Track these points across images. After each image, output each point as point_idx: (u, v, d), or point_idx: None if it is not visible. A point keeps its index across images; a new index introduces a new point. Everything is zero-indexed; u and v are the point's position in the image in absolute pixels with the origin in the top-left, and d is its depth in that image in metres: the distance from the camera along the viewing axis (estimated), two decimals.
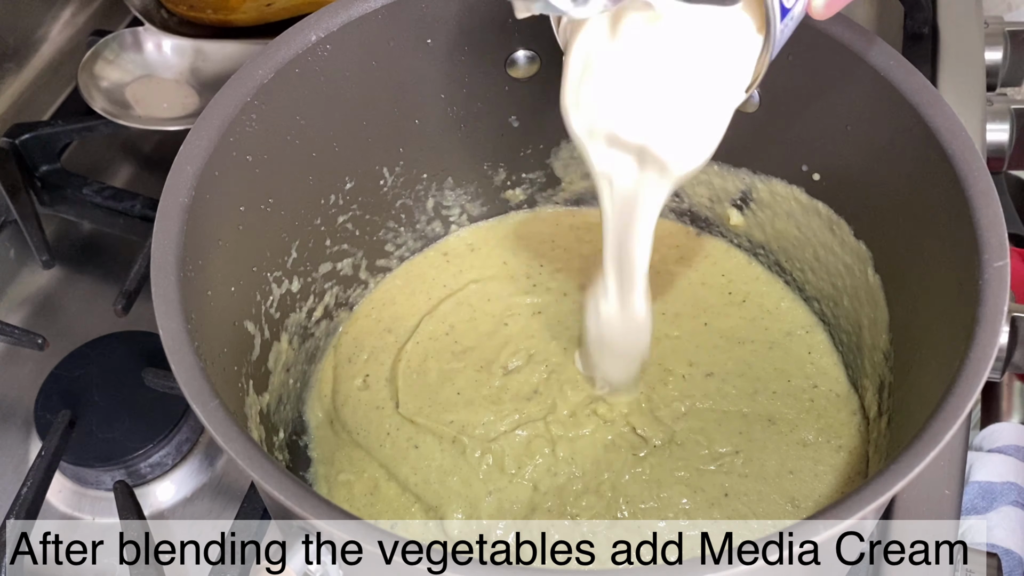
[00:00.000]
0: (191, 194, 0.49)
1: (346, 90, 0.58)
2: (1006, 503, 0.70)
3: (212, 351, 0.49)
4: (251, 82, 0.53)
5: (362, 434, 0.62)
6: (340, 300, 0.67)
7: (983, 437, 0.77)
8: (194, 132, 0.51)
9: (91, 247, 0.78)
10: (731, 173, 0.64)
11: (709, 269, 0.68)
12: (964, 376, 0.42)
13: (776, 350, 0.64)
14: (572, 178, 0.70)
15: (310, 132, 0.57)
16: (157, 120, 0.77)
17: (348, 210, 0.63)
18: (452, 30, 0.59)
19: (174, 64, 0.81)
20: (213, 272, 0.51)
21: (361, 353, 0.66)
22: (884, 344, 0.57)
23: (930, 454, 0.39)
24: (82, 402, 0.66)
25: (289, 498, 0.40)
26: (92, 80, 0.78)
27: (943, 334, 0.48)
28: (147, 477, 0.65)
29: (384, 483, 0.60)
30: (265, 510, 0.60)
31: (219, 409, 0.43)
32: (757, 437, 0.60)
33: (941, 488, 0.58)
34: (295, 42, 0.55)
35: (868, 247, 0.58)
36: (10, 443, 0.67)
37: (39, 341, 0.67)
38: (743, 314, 0.66)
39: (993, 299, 0.44)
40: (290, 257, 0.60)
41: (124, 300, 0.68)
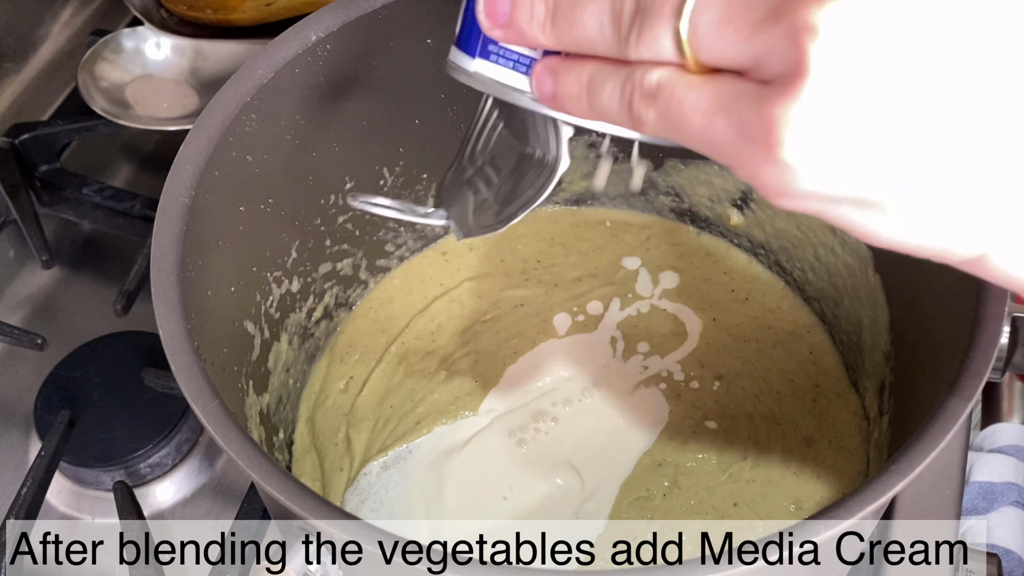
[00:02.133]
0: (191, 194, 0.49)
1: (346, 90, 0.58)
2: (1006, 503, 0.70)
3: (212, 351, 0.49)
4: (251, 82, 0.53)
5: (319, 438, 0.62)
6: (340, 300, 0.67)
7: (983, 437, 0.77)
8: (194, 132, 0.51)
9: (91, 247, 0.78)
10: (731, 173, 0.64)
11: (711, 267, 0.68)
12: (965, 376, 0.42)
13: (779, 349, 0.64)
14: (572, 178, 0.70)
15: (310, 132, 0.57)
16: (157, 120, 0.77)
17: (348, 210, 0.63)
18: (452, 30, 0.59)
19: (174, 64, 0.81)
20: (213, 272, 0.51)
21: (353, 354, 0.66)
22: (885, 344, 0.57)
23: (930, 454, 0.39)
24: (82, 402, 0.66)
25: (289, 498, 0.40)
26: (92, 80, 0.78)
27: (943, 334, 0.48)
28: (147, 477, 0.65)
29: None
30: (265, 510, 0.60)
31: (219, 409, 0.43)
32: (763, 439, 0.60)
33: (941, 488, 0.58)
34: (295, 42, 0.55)
35: (869, 247, 0.58)
36: (10, 443, 0.67)
37: (39, 341, 0.67)
38: (747, 312, 0.66)
39: (993, 299, 0.44)
40: (290, 257, 0.60)
41: (124, 300, 0.68)
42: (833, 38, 0.24)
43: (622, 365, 0.64)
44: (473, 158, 0.42)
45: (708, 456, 0.59)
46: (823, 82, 0.25)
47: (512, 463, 0.60)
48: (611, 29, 0.30)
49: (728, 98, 0.27)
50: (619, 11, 0.29)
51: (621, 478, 0.59)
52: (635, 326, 0.66)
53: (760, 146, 0.26)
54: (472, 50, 0.35)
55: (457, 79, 0.36)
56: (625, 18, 0.29)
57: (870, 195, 0.27)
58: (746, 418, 0.61)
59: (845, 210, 0.28)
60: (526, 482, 0.59)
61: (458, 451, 0.61)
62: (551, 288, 0.68)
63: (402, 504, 0.59)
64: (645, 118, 0.30)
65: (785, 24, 0.25)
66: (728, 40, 0.27)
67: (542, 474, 0.59)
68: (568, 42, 0.31)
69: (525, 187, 0.38)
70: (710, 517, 0.57)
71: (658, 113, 0.29)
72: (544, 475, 0.59)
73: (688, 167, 0.66)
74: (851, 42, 0.25)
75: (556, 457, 0.60)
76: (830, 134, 0.25)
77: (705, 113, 0.28)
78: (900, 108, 0.25)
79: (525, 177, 0.38)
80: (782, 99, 0.25)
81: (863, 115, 0.25)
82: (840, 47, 0.25)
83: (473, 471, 0.60)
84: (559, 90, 0.32)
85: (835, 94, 0.25)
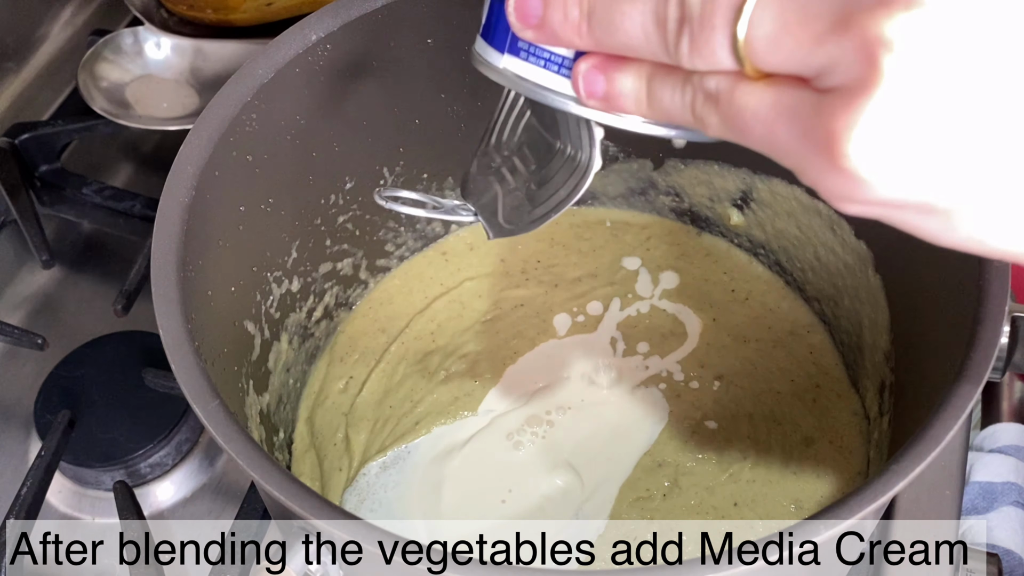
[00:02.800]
0: (191, 194, 0.49)
1: (346, 90, 0.58)
2: (1007, 503, 0.70)
3: (212, 351, 0.49)
4: (251, 82, 0.53)
5: (319, 438, 0.62)
6: (340, 300, 0.67)
7: (983, 437, 0.77)
8: (194, 132, 0.51)
9: (91, 247, 0.78)
10: (731, 172, 0.64)
11: (711, 267, 0.68)
12: (965, 376, 0.42)
13: (779, 349, 0.64)
14: None
15: (310, 132, 0.57)
16: (157, 120, 0.77)
17: (348, 210, 0.63)
18: (452, 30, 0.59)
19: (174, 64, 0.81)
20: (213, 272, 0.51)
21: (353, 353, 0.66)
22: (885, 344, 0.57)
23: (931, 454, 0.39)
24: (82, 402, 0.66)
25: (289, 498, 0.40)
26: (92, 80, 0.78)
27: (944, 334, 0.48)
28: (147, 477, 0.65)
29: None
30: (265, 510, 0.60)
31: (219, 409, 0.43)
32: (763, 439, 0.60)
33: (941, 488, 0.58)
34: (295, 42, 0.55)
35: (869, 247, 0.58)
36: (10, 443, 0.67)
37: (39, 341, 0.67)
38: (747, 312, 0.66)
39: (993, 299, 0.44)
40: (290, 257, 0.60)
41: (124, 300, 0.68)
42: (905, 51, 0.25)
43: (622, 365, 0.64)
44: (499, 146, 0.41)
45: (708, 456, 0.59)
46: (893, 94, 0.25)
47: (511, 464, 0.60)
48: (657, 35, 0.29)
49: (790, 105, 0.27)
50: (663, 17, 0.29)
51: (621, 478, 0.59)
52: (635, 326, 0.66)
53: (824, 155, 0.26)
54: (501, 45, 0.33)
55: (483, 73, 0.34)
56: (671, 25, 0.29)
57: (937, 204, 0.27)
58: (746, 418, 0.61)
59: (909, 216, 0.28)
60: (525, 483, 0.59)
61: (457, 451, 0.61)
62: (551, 288, 0.68)
63: (401, 504, 0.59)
64: (708, 121, 0.29)
65: (855, 36, 0.25)
66: (788, 51, 0.27)
67: (541, 475, 0.59)
68: (608, 45, 0.31)
69: (557, 186, 0.37)
70: (710, 517, 0.57)
71: (720, 117, 0.29)
72: (543, 476, 0.59)
73: (688, 167, 0.66)
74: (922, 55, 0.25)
75: (556, 458, 0.60)
76: (898, 145, 0.26)
77: (766, 121, 0.28)
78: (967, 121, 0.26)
79: (556, 175, 0.37)
80: (848, 109, 0.26)
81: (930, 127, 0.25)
82: (911, 60, 0.25)
83: (472, 472, 0.60)
84: (613, 89, 0.31)
85: (904, 106, 0.25)
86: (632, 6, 0.29)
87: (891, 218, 0.29)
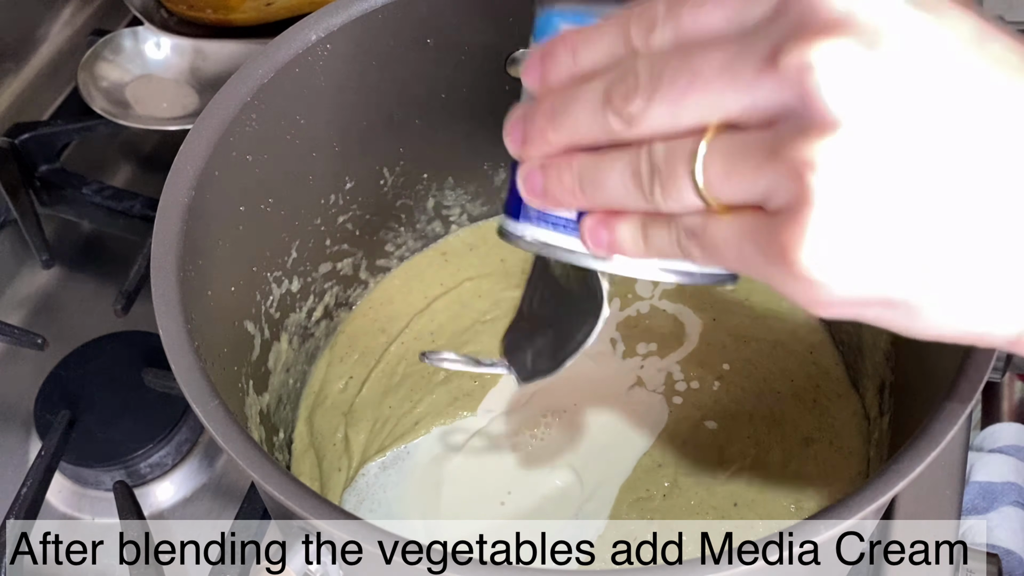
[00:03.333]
0: (191, 194, 0.49)
1: (346, 90, 0.58)
2: (1006, 503, 0.70)
3: (212, 351, 0.49)
4: (251, 82, 0.53)
5: (318, 438, 0.62)
6: (340, 300, 0.67)
7: (983, 437, 0.77)
8: (194, 132, 0.51)
9: (91, 247, 0.78)
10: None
11: None
12: (965, 376, 0.42)
13: (779, 349, 0.64)
14: None
15: (310, 132, 0.57)
16: (157, 120, 0.77)
17: (348, 210, 0.63)
18: (452, 30, 0.59)
19: (174, 64, 0.81)
20: (213, 272, 0.51)
21: (353, 353, 0.66)
22: (885, 344, 0.57)
23: (931, 454, 0.39)
24: (82, 402, 0.66)
25: (289, 498, 0.40)
26: (92, 80, 0.78)
27: None
28: (147, 477, 0.65)
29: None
30: (265, 510, 0.60)
31: (219, 409, 0.43)
32: (763, 439, 0.60)
33: (941, 488, 0.58)
34: (295, 42, 0.55)
35: None
36: (10, 443, 0.67)
37: (39, 341, 0.67)
38: (747, 312, 0.66)
39: None
40: (290, 257, 0.60)
41: (124, 300, 0.68)
42: (829, 168, 0.28)
43: (622, 365, 0.64)
44: (531, 311, 0.47)
45: (708, 456, 0.59)
46: (825, 205, 0.29)
47: (510, 464, 0.60)
48: (635, 188, 0.33)
49: (750, 230, 0.31)
50: (637, 171, 0.33)
51: (621, 479, 0.59)
52: (635, 326, 0.66)
53: (783, 266, 0.30)
54: (516, 215, 0.39)
55: (510, 244, 0.40)
56: (644, 178, 0.33)
57: (895, 296, 0.30)
58: (746, 418, 0.61)
59: (879, 312, 0.31)
60: (524, 484, 0.59)
61: (456, 452, 0.61)
62: None
63: (400, 504, 0.59)
64: (693, 253, 0.34)
65: (785, 162, 0.29)
66: (736, 184, 0.31)
67: (541, 476, 0.59)
68: (601, 203, 0.35)
69: (573, 331, 0.42)
70: (710, 517, 0.57)
71: (700, 249, 0.33)
72: (543, 477, 0.59)
73: None
74: (841, 169, 0.28)
75: (555, 458, 0.60)
76: (839, 247, 0.29)
77: (734, 245, 0.32)
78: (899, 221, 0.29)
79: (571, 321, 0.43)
80: (793, 224, 0.29)
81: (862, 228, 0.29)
82: (833, 175, 0.28)
83: (471, 472, 0.60)
84: (614, 238, 0.36)
85: (836, 214, 0.29)
86: (611, 165, 0.34)
87: (865, 317, 0.31)
